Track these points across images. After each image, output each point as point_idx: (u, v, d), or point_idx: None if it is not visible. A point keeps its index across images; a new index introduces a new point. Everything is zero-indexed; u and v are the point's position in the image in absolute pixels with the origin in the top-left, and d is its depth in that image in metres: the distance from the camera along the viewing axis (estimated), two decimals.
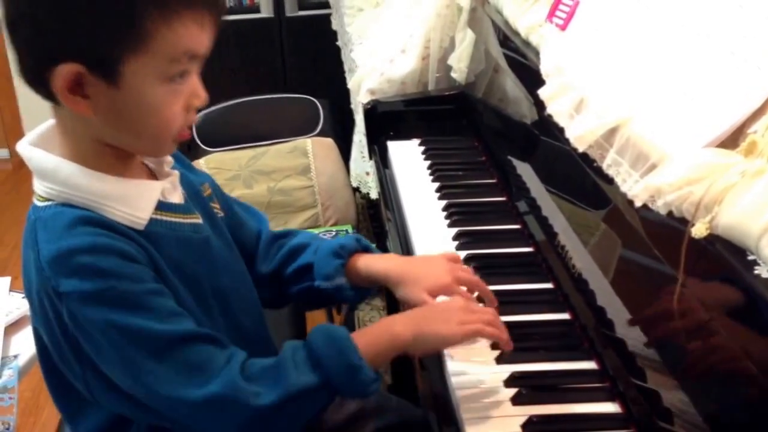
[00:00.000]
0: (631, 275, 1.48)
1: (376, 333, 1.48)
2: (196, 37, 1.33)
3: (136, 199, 1.40)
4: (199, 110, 1.44)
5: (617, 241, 1.51)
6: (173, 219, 1.47)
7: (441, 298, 1.61)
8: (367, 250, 1.74)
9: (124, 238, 1.35)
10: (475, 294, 1.65)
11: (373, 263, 1.70)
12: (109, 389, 1.39)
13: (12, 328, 2.13)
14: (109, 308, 1.30)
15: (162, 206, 1.45)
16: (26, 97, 5.71)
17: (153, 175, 1.51)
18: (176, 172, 1.54)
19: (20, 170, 5.90)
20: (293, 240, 1.79)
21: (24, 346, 2.07)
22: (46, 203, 1.39)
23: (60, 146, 1.41)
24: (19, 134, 5.81)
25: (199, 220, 1.54)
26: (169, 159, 1.54)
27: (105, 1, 1.25)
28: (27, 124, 5.97)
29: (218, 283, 1.53)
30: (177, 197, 1.52)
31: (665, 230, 1.27)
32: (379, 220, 3.34)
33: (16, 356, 2.02)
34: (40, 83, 1.31)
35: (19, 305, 2.19)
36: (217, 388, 1.33)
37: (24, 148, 1.43)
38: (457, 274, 1.64)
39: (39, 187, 1.41)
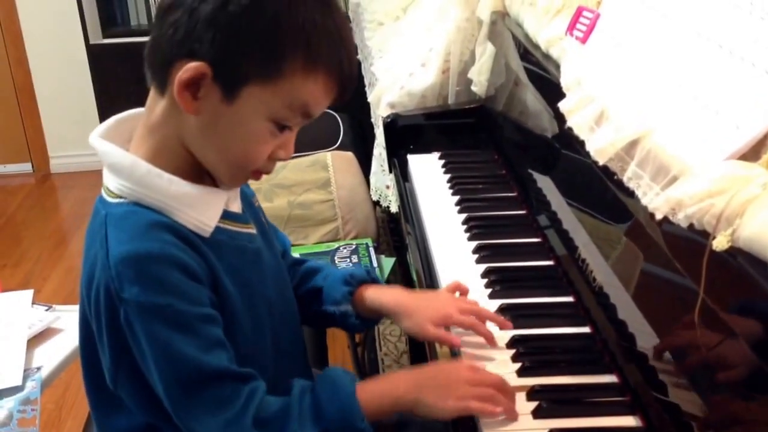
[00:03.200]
0: (652, 289, 1.47)
1: (380, 392, 1.48)
2: (320, 99, 1.40)
3: (204, 206, 1.44)
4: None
5: (638, 254, 1.51)
6: (234, 228, 1.51)
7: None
8: (375, 282, 1.78)
9: (190, 248, 1.39)
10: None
11: (379, 295, 1.73)
12: (135, 394, 1.44)
13: (35, 340, 2.14)
14: (161, 324, 1.34)
15: (225, 215, 1.49)
16: (49, 112, 5.76)
17: (215, 182, 1.53)
18: None
19: (44, 184, 5.94)
20: (305, 265, 1.84)
21: (47, 358, 2.08)
22: (117, 200, 1.42)
23: (139, 143, 1.45)
24: (42, 149, 5.87)
25: (254, 231, 1.58)
26: None
27: (265, 24, 1.31)
28: (50, 138, 6.01)
29: (267, 293, 1.57)
30: (237, 206, 1.56)
31: (687, 243, 1.26)
32: (399, 233, 3.34)
33: (38, 368, 2.03)
34: (161, 68, 1.36)
35: (42, 318, 2.20)
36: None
37: (98, 141, 1.45)
38: (460, 305, 1.66)
39: (112, 182, 1.43)
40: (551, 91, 1.89)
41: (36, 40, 5.79)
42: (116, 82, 5.40)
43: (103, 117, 5.21)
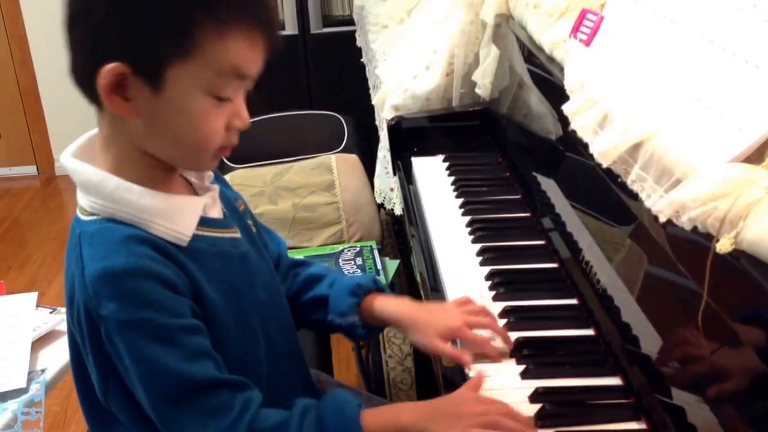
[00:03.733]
0: (656, 291, 1.47)
1: (385, 419, 1.46)
2: (246, 55, 1.35)
3: (179, 216, 1.42)
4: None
5: (642, 257, 1.51)
6: (214, 234, 1.49)
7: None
8: (382, 291, 1.76)
9: (167, 259, 1.37)
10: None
11: (387, 306, 1.72)
12: (126, 409, 1.43)
13: (39, 342, 2.15)
14: (143, 340, 1.33)
15: (203, 221, 1.47)
16: (54, 116, 5.76)
17: (193, 189, 1.53)
18: (216, 187, 1.56)
19: (48, 186, 5.94)
20: (309, 269, 1.83)
21: (51, 360, 2.08)
22: (90, 217, 1.40)
23: (102, 158, 1.43)
24: (47, 151, 5.87)
25: (238, 235, 1.56)
26: (209, 173, 1.55)
27: (160, 4, 1.27)
28: (54, 140, 6.01)
29: (256, 296, 1.55)
30: (216, 212, 1.53)
31: (690, 246, 1.26)
32: (403, 236, 3.34)
33: (43, 370, 2.03)
34: (87, 83, 1.34)
35: (47, 320, 2.21)
36: None
37: (68, 160, 1.43)
38: (467, 319, 1.65)
39: (83, 200, 1.42)
40: (555, 93, 1.89)
41: (40, 42, 5.78)
42: None
43: None
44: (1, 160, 6.15)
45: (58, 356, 2.11)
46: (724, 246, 1.11)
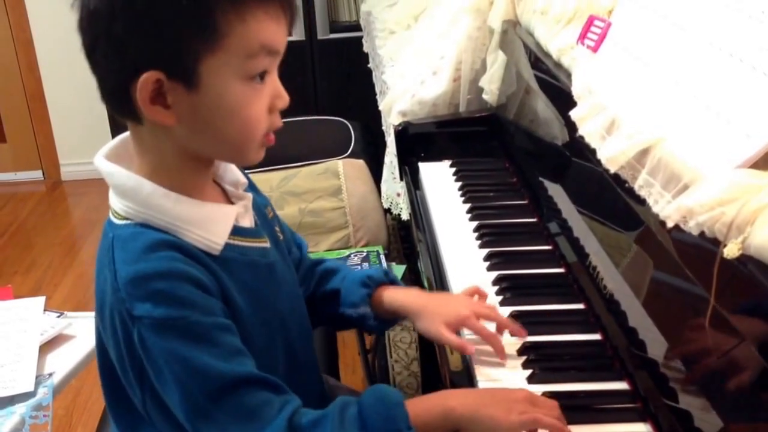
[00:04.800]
0: (663, 296, 1.47)
1: (430, 404, 1.44)
2: (271, 30, 1.33)
3: (212, 224, 1.42)
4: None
5: (649, 261, 1.51)
6: (244, 243, 1.49)
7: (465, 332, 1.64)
8: (393, 283, 1.77)
9: (199, 265, 1.36)
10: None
11: (396, 296, 1.73)
12: (165, 414, 1.40)
13: (47, 346, 2.15)
14: (178, 338, 1.31)
15: (235, 231, 1.47)
16: (60, 121, 5.77)
17: (227, 197, 1.53)
18: (250, 195, 1.56)
19: (54, 191, 5.96)
20: (323, 265, 1.83)
21: (59, 364, 2.09)
22: (124, 221, 1.40)
23: (138, 163, 1.42)
24: (53, 156, 5.88)
25: (267, 245, 1.55)
26: (243, 180, 1.55)
27: (176, 4, 1.25)
28: (60, 145, 6.02)
29: (280, 306, 1.55)
30: (248, 221, 1.53)
31: (697, 251, 1.27)
32: (410, 241, 3.34)
33: (50, 374, 2.04)
34: (124, 102, 1.33)
35: (54, 324, 2.21)
36: None
37: (102, 163, 1.43)
38: (476, 309, 1.66)
39: (117, 204, 1.41)
40: (562, 99, 1.89)
41: (47, 47, 5.80)
42: None
43: (114, 125, 5.20)
44: (7, 165, 6.17)
45: (65, 360, 2.11)
46: (731, 251, 1.11)
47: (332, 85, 5.02)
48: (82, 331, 2.21)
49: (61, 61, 5.79)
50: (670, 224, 1.30)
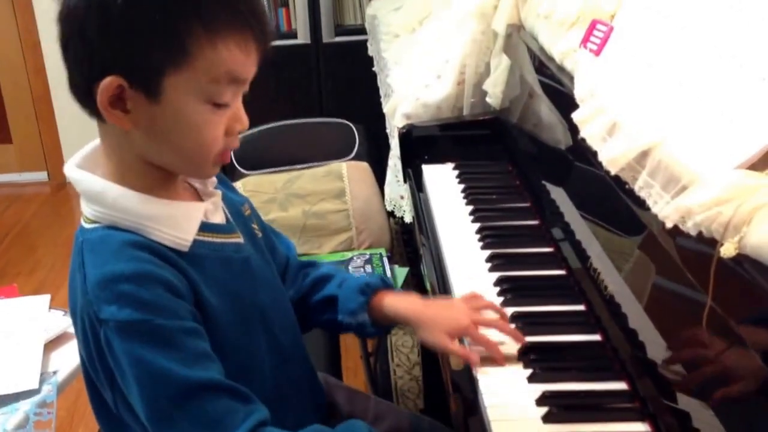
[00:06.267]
0: (663, 298, 1.48)
1: None
2: (239, 60, 1.34)
3: (180, 221, 1.42)
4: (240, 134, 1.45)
5: (650, 264, 1.52)
6: (216, 240, 1.49)
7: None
8: (390, 289, 1.77)
9: (168, 265, 1.37)
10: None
11: (396, 303, 1.73)
12: (135, 416, 1.39)
13: (52, 344, 2.16)
14: (141, 341, 1.31)
15: (204, 227, 1.47)
16: (65, 121, 5.77)
17: (197, 194, 1.53)
18: (219, 192, 1.56)
19: (59, 192, 5.95)
20: (318, 270, 1.83)
21: (63, 362, 2.09)
22: (93, 225, 1.41)
23: (105, 167, 1.43)
24: (59, 157, 5.88)
25: (241, 240, 1.56)
26: (213, 179, 1.56)
27: (149, 16, 1.27)
28: (66, 147, 6.02)
29: (258, 300, 1.55)
30: (219, 217, 1.54)
31: (698, 254, 1.27)
32: (413, 245, 3.35)
33: (55, 372, 2.05)
34: (87, 98, 1.35)
35: (59, 322, 2.22)
36: None
37: (71, 170, 1.44)
38: (475, 317, 1.67)
39: (86, 209, 1.42)
40: (565, 103, 1.90)
41: (54, 49, 5.65)
42: None
43: None
44: (13, 166, 6.16)
45: (69, 358, 2.12)
46: (728, 250, 1.12)
47: (337, 87, 5.02)
48: None
49: None
50: (669, 224, 1.30)
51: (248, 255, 1.56)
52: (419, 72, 3.02)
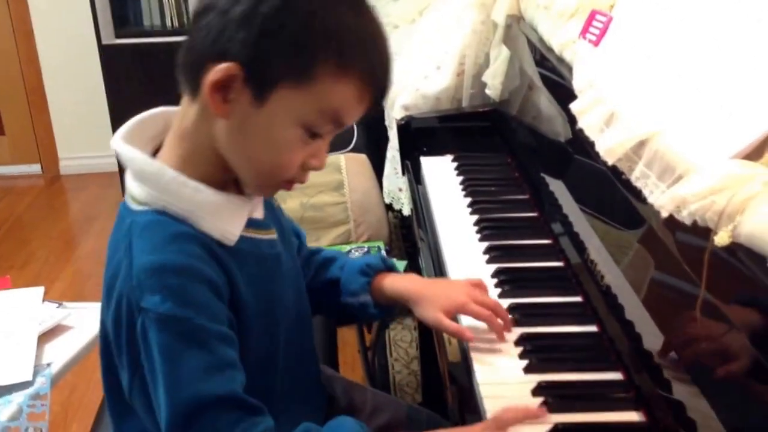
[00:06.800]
0: (660, 290, 1.48)
1: None
2: (351, 105, 1.36)
3: (230, 215, 1.42)
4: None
5: (647, 257, 1.52)
6: (256, 235, 1.49)
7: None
8: (392, 270, 1.77)
9: (212, 260, 1.37)
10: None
11: (395, 283, 1.73)
12: (146, 405, 1.39)
13: (45, 336, 2.15)
14: (177, 339, 1.31)
15: (248, 223, 1.47)
16: (60, 114, 5.74)
17: (240, 188, 1.52)
18: None
19: (53, 185, 5.93)
20: (321, 254, 1.83)
21: (57, 354, 2.08)
22: (141, 207, 1.40)
23: (170, 147, 1.43)
24: (52, 150, 5.86)
25: (275, 236, 1.56)
26: None
27: (297, 25, 1.28)
28: (60, 139, 6.00)
29: (285, 298, 1.56)
30: (259, 212, 1.54)
31: (693, 245, 1.27)
32: (411, 240, 3.34)
33: (48, 364, 2.04)
34: (193, 72, 1.34)
35: (53, 314, 2.21)
36: None
37: (121, 146, 1.43)
38: (474, 296, 1.66)
39: (135, 189, 1.41)
40: (565, 95, 1.89)
41: (47, 39, 5.80)
42: (128, 83, 5.31)
43: (114, 118, 5.18)
44: (5, 158, 6.14)
45: (63, 350, 2.11)
46: (721, 239, 1.12)
47: None
48: (81, 321, 2.20)
49: (62, 53, 5.81)
50: (664, 214, 1.30)
51: (280, 252, 1.56)
52: (418, 63, 3.01)
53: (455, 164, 2.58)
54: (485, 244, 2.04)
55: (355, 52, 1.32)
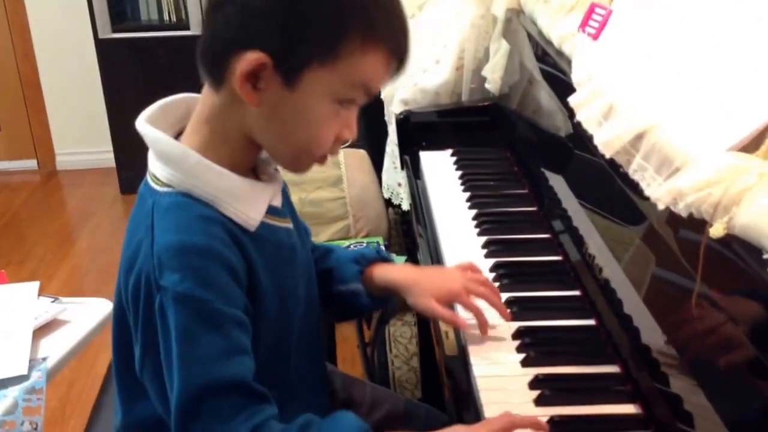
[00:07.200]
0: (658, 285, 1.48)
1: None
2: (379, 74, 1.39)
3: (252, 200, 1.44)
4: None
5: (646, 251, 1.52)
6: (275, 223, 1.50)
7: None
8: (386, 261, 1.77)
9: (234, 245, 1.38)
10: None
11: (388, 271, 1.73)
12: (156, 383, 1.40)
13: (41, 331, 2.14)
14: (195, 318, 1.32)
15: (268, 209, 1.48)
16: (56, 109, 5.73)
17: (257, 175, 1.53)
18: (281, 175, 1.57)
19: (49, 181, 5.90)
20: (318, 249, 1.83)
21: (52, 349, 2.08)
22: (165, 189, 1.40)
23: (189, 133, 1.44)
24: (49, 146, 5.84)
25: (290, 225, 1.56)
26: (272, 161, 1.55)
27: (320, 8, 1.30)
28: (56, 134, 5.98)
29: (298, 288, 1.56)
30: (278, 200, 1.54)
31: (693, 241, 1.26)
32: (411, 236, 3.33)
33: (44, 359, 2.03)
34: (215, 63, 1.36)
35: (48, 309, 2.20)
36: None
37: (146, 127, 1.43)
38: (468, 284, 1.67)
39: (158, 170, 1.42)
40: (565, 89, 1.89)
41: (43, 33, 5.79)
42: (125, 78, 5.29)
43: (111, 113, 5.16)
44: (1, 154, 6.13)
45: (59, 345, 2.10)
46: (717, 231, 1.13)
47: None
48: (77, 316, 2.20)
49: (58, 47, 5.80)
50: (661, 206, 1.30)
51: (295, 242, 1.57)
52: (417, 57, 3.00)
53: (454, 159, 2.58)
54: (484, 239, 2.04)
55: (381, 24, 1.35)
